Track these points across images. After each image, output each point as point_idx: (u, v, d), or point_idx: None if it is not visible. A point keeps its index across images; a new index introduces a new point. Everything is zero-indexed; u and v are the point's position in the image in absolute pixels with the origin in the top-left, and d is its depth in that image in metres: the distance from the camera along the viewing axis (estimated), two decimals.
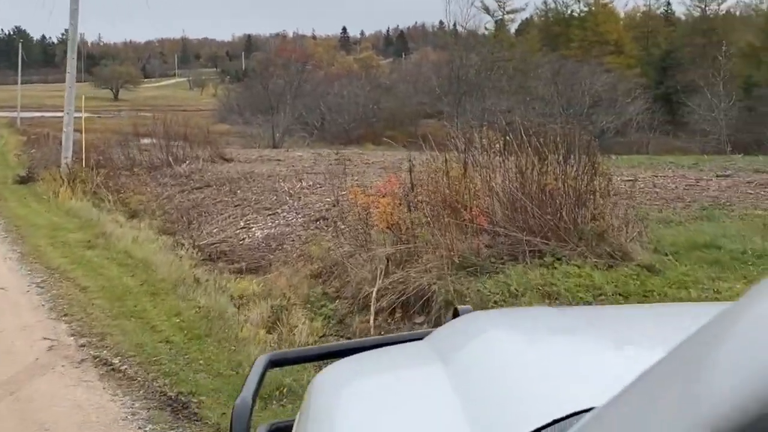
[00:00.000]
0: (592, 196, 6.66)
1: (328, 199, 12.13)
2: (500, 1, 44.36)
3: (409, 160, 7.55)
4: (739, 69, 39.67)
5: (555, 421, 1.09)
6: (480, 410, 1.32)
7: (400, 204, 7.03)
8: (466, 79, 28.68)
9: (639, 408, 0.70)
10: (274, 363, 2.02)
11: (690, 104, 30.90)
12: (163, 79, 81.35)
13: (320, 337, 6.32)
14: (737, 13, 54.53)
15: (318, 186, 14.09)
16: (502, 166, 6.99)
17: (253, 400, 1.69)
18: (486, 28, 45.77)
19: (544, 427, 1.07)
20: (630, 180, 13.14)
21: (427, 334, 2.00)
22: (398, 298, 6.48)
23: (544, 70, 28.76)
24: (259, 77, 46.63)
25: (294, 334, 5.97)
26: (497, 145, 7.43)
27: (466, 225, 6.57)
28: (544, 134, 7.35)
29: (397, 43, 48.08)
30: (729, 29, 47.24)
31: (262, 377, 1.83)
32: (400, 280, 6.47)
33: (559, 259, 6.40)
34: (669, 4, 54.53)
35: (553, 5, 47.73)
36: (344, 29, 60.51)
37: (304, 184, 14.85)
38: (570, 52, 43.56)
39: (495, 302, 5.67)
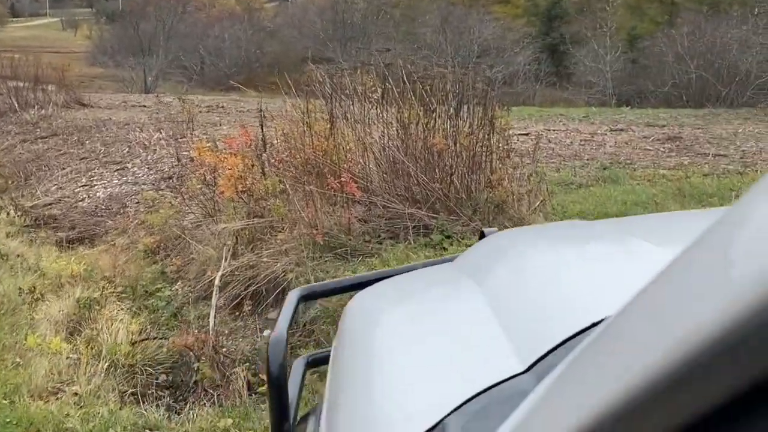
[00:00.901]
0: (488, 158, 5.38)
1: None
2: None
3: (260, 111, 5.95)
4: (623, 21, 39.71)
5: (589, 328, 1.09)
6: (516, 323, 1.34)
7: (254, 166, 5.53)
8: (351, 23, 26.92)
9: (662, 300, 0.65)
10: (306, 297, 2.09)
11: (574, 55, 30.40)
12: (34, 18, 75.04)
13: (142, 341, 4.80)
14: None
15: (180, 137, 12.34)
16: (381, 120, 5.58)
17: (288, 334, 1.72)
18: None
19: (578, 334, 1.08)
20: (524, 134, 12.07)
21: (454, 258, 2.07)
22: (246, 287, 5.04)
23: (432, 17, 27.44)
24: (132, 17, 43.18)
25: (100, 343, 4.44)
26: (375, 94, 5.99)
27: (334, 194, 5.17)
28: (432, 80, 5.97)
29: None
30: None
31: (295, 311, 1.88)
32: (250, 264, 5.03)
33: (448, 237, 5.11)
34: None
35: None
36: None
37: (164, 134, 13.02)
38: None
39: None
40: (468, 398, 1.16)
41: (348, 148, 5.37)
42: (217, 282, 5.20)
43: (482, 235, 2.08)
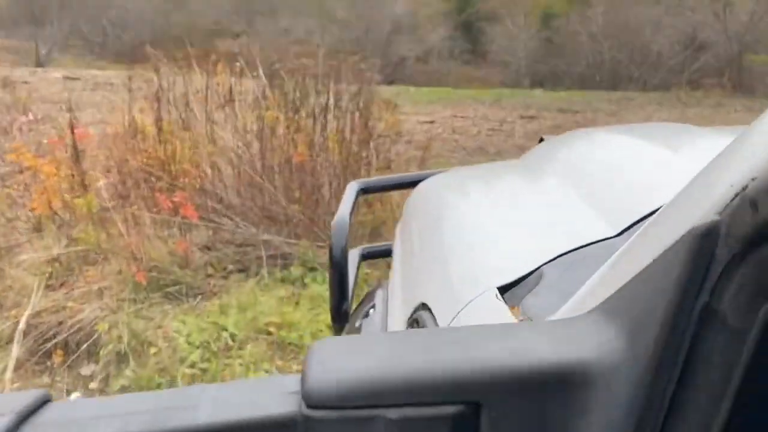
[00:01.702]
0: (366, 168, 4.38)
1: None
2: None
3: (70, 108, 4.70)
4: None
5: None
6: (603, 199, 1.36)
7: (74, 176, 4.38)
8: None
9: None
10: (365, 190, 2.14)
11: (489, 34, 29.76)
12: None
13: None
14: None
15: (51, 121, 10.88)
16: (231, 123, 4.49)
17: (349, 221, 1.80)
18: None
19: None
20: (429, 121, 11.15)
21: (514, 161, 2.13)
22: (53, 336, 3.93)
23: None
24: None
25: None
26: (225, 89, 4.88)
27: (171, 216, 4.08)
28: (302, 72, 4.91)
29: None
30: None
31: (355, 201, 1.96)
32: (55, 308, 3.92)
33: (312, 269, 4.12)
34: None
35: None
36: None
37: (31, 117, 11.50)
38: None
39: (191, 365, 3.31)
40: (563, 252, 1.18)
41: (191, 156, 4.27)
42: (21, 325, 4.07)
43: (541, 140, 2.12)
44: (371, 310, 1.84)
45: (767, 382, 0.68)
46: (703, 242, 0.63)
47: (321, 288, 3.87)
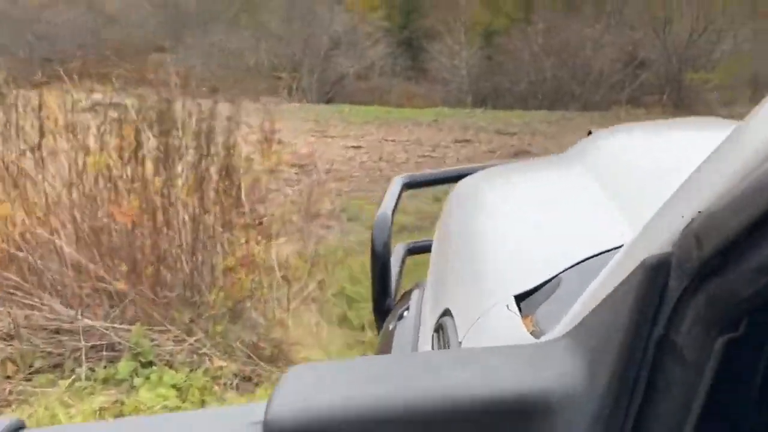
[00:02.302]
0: (227, 228, 3.36)
1: None
2: None
3: None
4: (480, 16, 39.02)
5: None
6: (635, 204, 1.30)
7: None
8: (185, 8, 24.28)
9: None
10: (409, 185, 2.17)
11: (430, 51, 29.08)
12: None
13: None
14: None
15: None
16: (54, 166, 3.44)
17: (392, 217, 1.81)
18: None
19: None
20: (356, 146, 10.20)
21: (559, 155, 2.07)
22: None
23: (278, 4, 25.23)
24: None
25: None
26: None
27: None
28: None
29: None
30: None
31: (399, 196, 1.98)
32: None
33: (148, 364, 3.10)
34: None
35: None
36: None
37: None
38: None
39: None
40: (586, 257, 1.16)
41: None
42: None
43: (589, 134, 2.06)
44: (405, 313, 1.74)
45: (726, 413, 0.67)
46: (656, 274, 0.64)
47: (152, 395, 2.85)
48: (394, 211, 1.84)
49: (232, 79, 26.81)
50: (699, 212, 0.60)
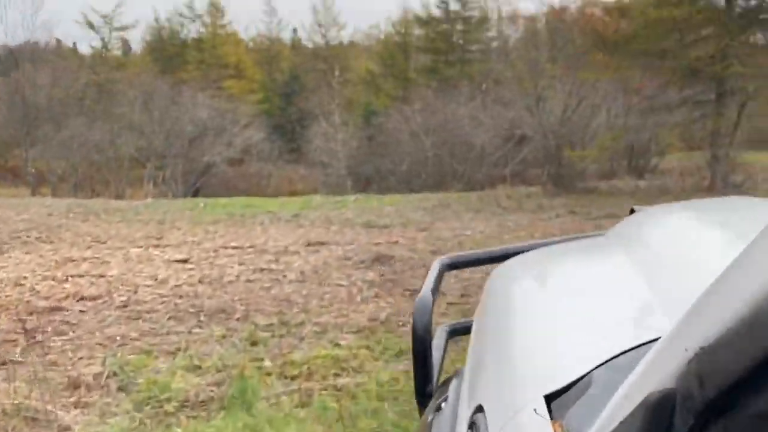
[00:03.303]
0: None
1: None
2: (106, 17, 37.82)
3: None
4: (359, 96, 38.43)
5: None
6: (671, 292, 1.29)
7: None
8: (34, 103, 22.05)
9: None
10: (451, 266, 2.09)
11: (308, 133, 27.95)
12: None
13: None
14: (363, 43, 54.63)
15: None
16: None
17: (433, 298, 1.77)
18: (91, 46, 39.05)
19: None
20: (182, 260, 8.51)
21: (602, 234, 2.12)
22: None
23: (136, 94, 23.40)
24: None
25: None
26: None
27: None
28: None
29: (6, 61, 37.88)
30: (350, 56, 46.57)
31: (440, 278, 1.91)
32: None
33: None
34: (296, 31, 52.61)
35: (167, 24, 42.57)
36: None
37: None
38: (188, 74, 38.78)
39: None
40: (617, 354, 1.13)
41: None
42: None
43: (632, 212, 2.11)
44: (443, 404, 1.64)
45: None
46: (660, 412, 0.62)
47: None
48: (435, 292, 1.78)
49: (94, 172, 24.70)
50: (701, 348, 0.58)
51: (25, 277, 6.96)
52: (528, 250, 2.05)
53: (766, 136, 17.84)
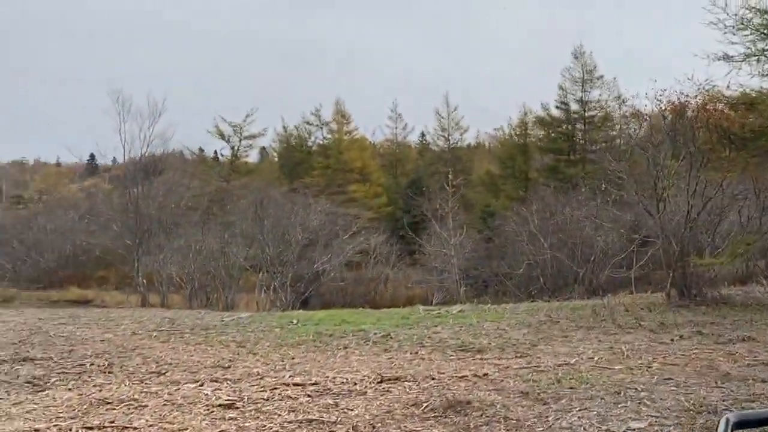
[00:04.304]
0: None
1: None
2: (236, 126, 39.21)
3: None
4: (478, 197, 37.22)
5: None
6: None
7: None
8: (147, 213, 22.48)
9: None
10: (741, 424, 1.80)
11: (418, 239, 26.82)
12: None
13: None
14: (486, 144, 53.91)
15: None
16: None
17: None
18: (221, 155, 40.49)
19: None
20: (229, 405, 7.35)
21: None
22: None
23: (249, 202, 23.34)
24: None
25: None
26: None
27: None
28: None
29: (124, 174, 40.57)
30: (474, 158, 45.78)
31: None
32: None
33: None
34: (423, 135, 52.74)
35: (295, 131, 43.60)
36: (92, 156, 51.73)
37: None
38: (313, 180, 39.20)
39: None
40: None
41: None
42: None
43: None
44: None
45: None
46: None
47: None
48: None
49: (209, 280, 24.61)
50: None
51: (36, 431, 5.97)
52: None
53: None
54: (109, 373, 8.79)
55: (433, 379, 8.34)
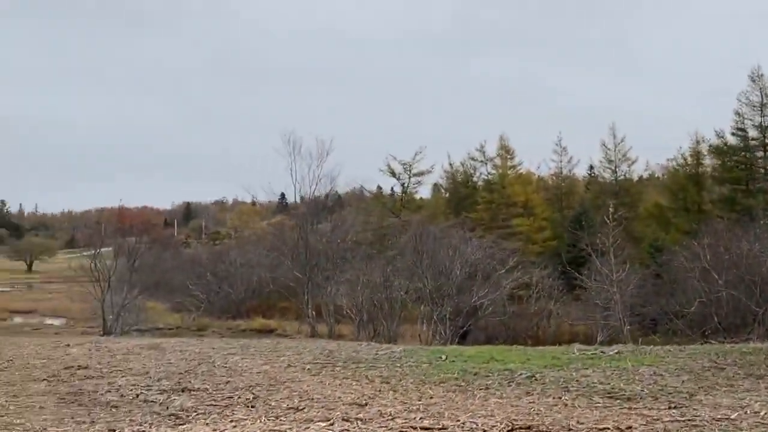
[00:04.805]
0: None
1: None
2: (405, 164, 39.89)
3: None
4: (646, 231, 34.80)
5: None
6: None
7: None
8: (316, 249, 23.08)
9: None
10: None
11: (579, 275, 25.38)
12: (91, 249, 77.54)
13: None
14: (657, 175, 50.80)
15: None
16: None
17: None
18: (392, 191, 41.28)
19: None
20: None
21: None
22: None
23: (408, 238, 23.29)
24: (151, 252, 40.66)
25: None
26: None
27: None
28: None
29: (334, 205, 43.09)
30: (642, 190, 43.16)
31: None
32: None
33: None
34: (591, 168, 50.69)
35: (460, 168, 43.54)
36: (282, 195, 54.98)
37: None
38: (477, 215, 38.74)
39: None
40: None
41: None
42: None
43: None
44: None
45: None
46: None
47: None
48: None
49: (377, 312, 24.86)
50: None
51: None
52: None
53: None
54: (251, 407, 8.87)
55: (569, 430, 7.59)
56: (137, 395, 9.64)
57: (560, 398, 9.60)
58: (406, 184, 40.62)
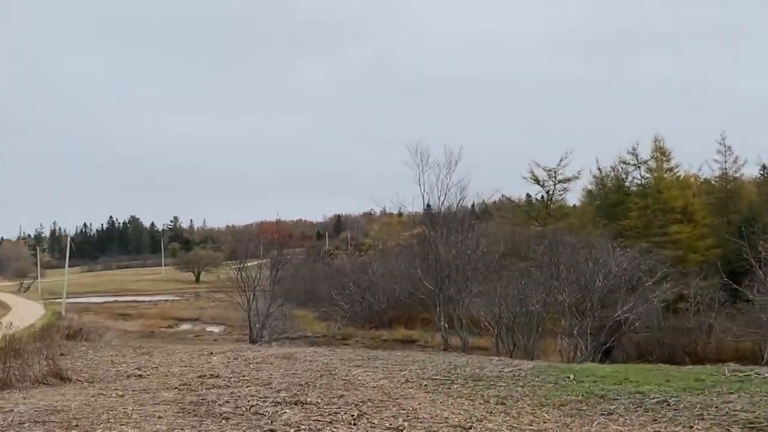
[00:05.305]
0: None
1: None
2: (550, 171, 38.40)
3: None
4: None
5: None
6: None
7: None
8: (448, 261, 22.62)
9: None
10: None
11: (738, 287, 23.12)
12: (251, 260, 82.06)
13: None
14: None
15: None
16: None
17: None
18: (536, 199, 39.87)
19: None
20: None
21: None
22: None
23: (543, 249, 22.19)
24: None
25: None
26: None
27: None
28: None
29: (482, 215, 42.43)
30: None
31: None
32: None
33: None
34: (765, 168, 46.36)
35: (610, 172, 41.14)
36: (428, 206, 54.89)
37: None
38: (630, 222, 36.57)
39: None
40: None
41: None
42: None
43: None
44: None
45: None
46: None
47: None
48: None
49: (514, 326, 24.10)
50: None
51: None
52: None
53: None
54: (353, 424, 8.78)
55: None
56: (251, 407, 9.87)
57: (691, 427, 8.73)
58: (551, 191, 39.21)
